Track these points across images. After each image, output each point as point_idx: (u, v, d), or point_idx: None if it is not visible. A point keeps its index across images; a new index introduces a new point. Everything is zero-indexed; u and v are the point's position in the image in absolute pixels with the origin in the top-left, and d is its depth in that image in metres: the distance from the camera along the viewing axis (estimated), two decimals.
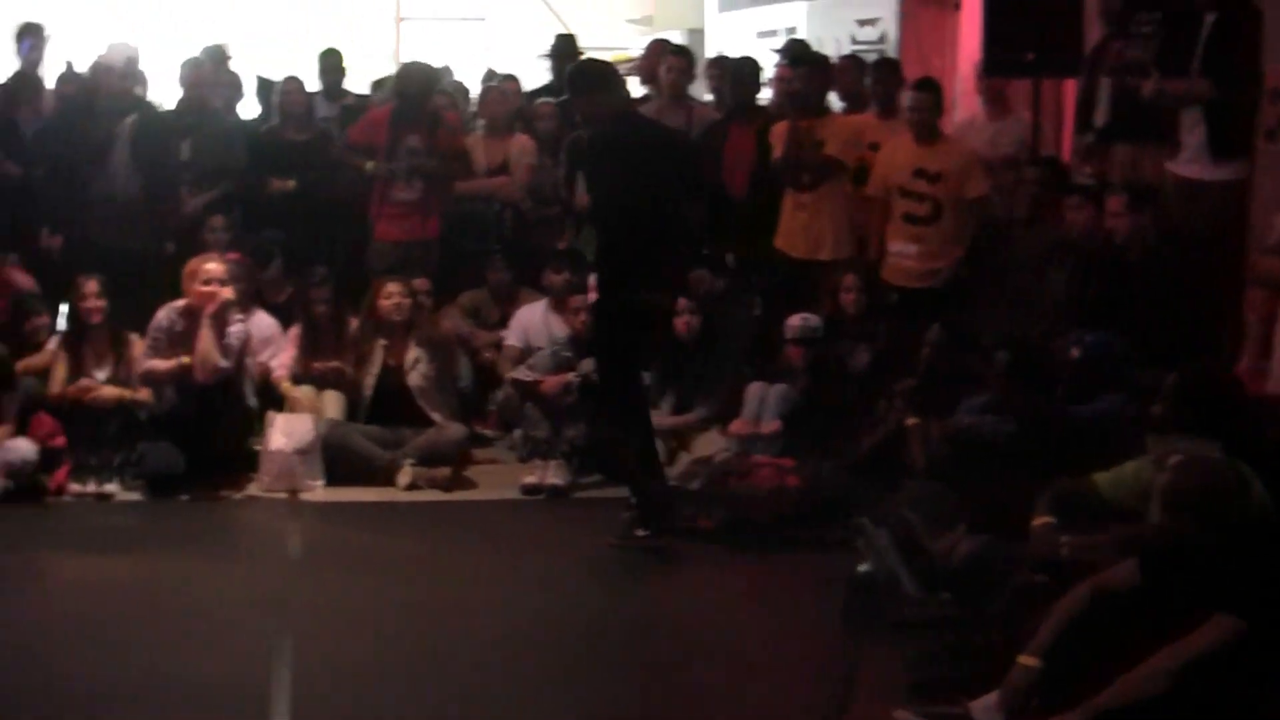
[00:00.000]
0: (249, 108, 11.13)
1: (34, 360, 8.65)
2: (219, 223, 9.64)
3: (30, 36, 10.37)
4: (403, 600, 6.71)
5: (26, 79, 10.20)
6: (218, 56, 10.84)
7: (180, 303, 8.51)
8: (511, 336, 9.47)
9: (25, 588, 6.86)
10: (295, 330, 9.19)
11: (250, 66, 11.67)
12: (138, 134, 9.52)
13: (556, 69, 11.29)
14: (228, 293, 8.46)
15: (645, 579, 7.16)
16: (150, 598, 6.71)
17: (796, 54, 10.22)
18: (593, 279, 8.24)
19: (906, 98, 9.19)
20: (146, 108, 9.94)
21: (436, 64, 11.59)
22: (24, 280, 9.25)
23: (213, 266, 8.48)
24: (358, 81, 11.58)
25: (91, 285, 8.59)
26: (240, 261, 9.15)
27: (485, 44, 17.31)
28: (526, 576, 7.06)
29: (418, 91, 9.95)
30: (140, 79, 10.20)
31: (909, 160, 8.99)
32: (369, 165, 9.76)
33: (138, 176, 9.53)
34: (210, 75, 10.42)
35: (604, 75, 7.68)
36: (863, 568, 6.27)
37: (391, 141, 9.73)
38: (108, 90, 9.68)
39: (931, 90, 9.12)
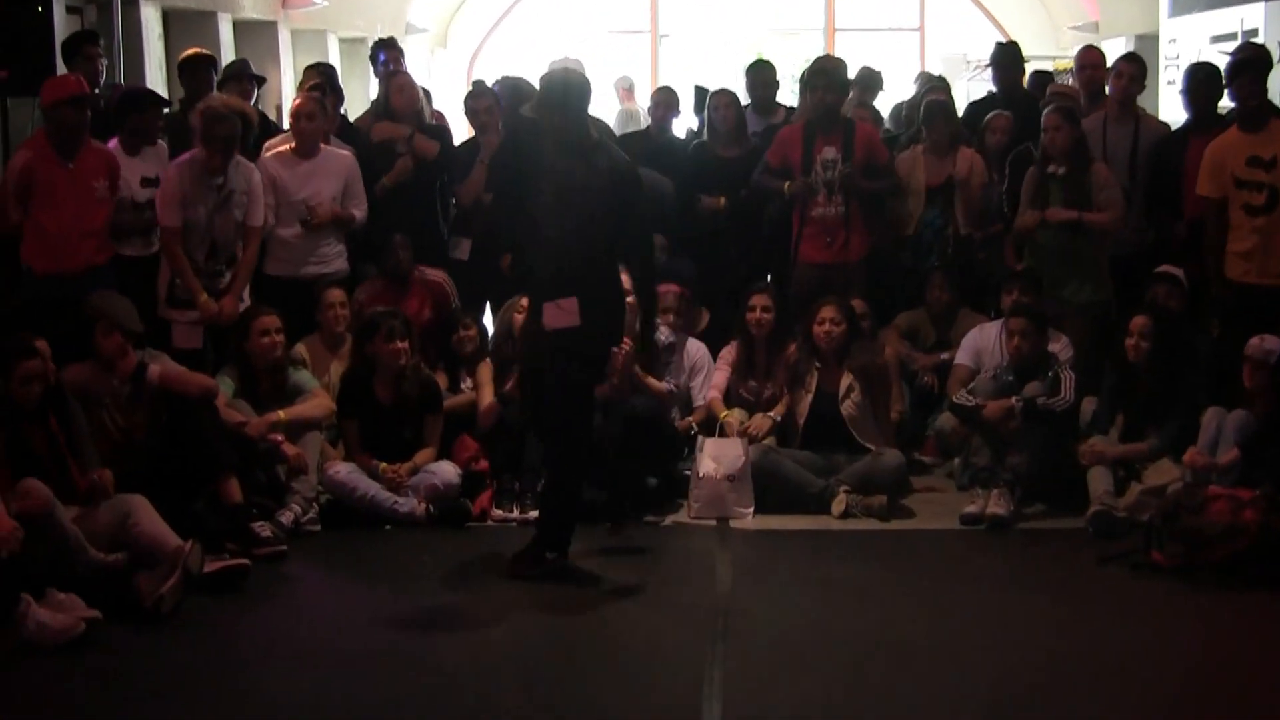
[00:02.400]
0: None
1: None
2: (660, 241, 9.82)
3: (386, 50, 10.78)
4: (841, 633, 6.69)
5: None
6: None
7: None
8: (962, 356, 9.30)
9: (451, 615, 7.06)
10: (730, 350, 9.30)
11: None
12: None
13: (999, 79, 11.14)
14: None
15: (1098, 614, 6.97)
16: (573, 628, 6.86)
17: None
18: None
19: None
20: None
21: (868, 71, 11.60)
22: (439, 282, 9.61)
23: None
24: (791, 95, 11.60)
25: (523, 302, 8.79)
26: (676, 291, 9.33)
27: (919, 54, 17.24)
28: (969, 610, 6.96)
29: (833, 89, 9.83)
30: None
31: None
32: (785, 186, 9.72)
33: None
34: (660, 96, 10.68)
35: (567, 94, 7.37)
36: None
37: (805, 154, 9.70)
38: None
39: None
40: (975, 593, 7.25)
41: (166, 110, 9.77)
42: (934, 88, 11.03)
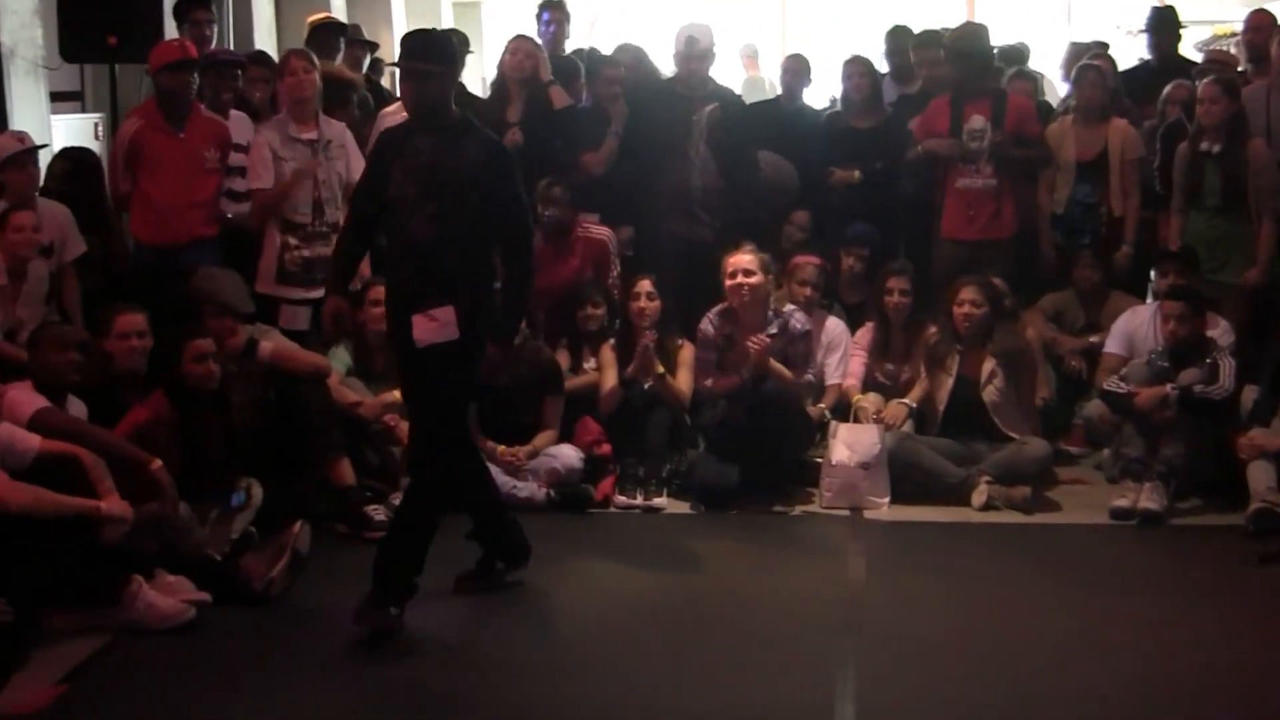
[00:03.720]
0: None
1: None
2: (802, 218, 9.81)
3: (551, 11, 10.78)
4: (979, 631, 6.62)
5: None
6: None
7: (721, 305, 8.68)
8: (1112, 343, 9.14)
9: (569, 602, 7.08)
10: (865, 332, 9.27)
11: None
12: (716, 124, 9.60)
13: (1155, 45, 10.96)
14: (755, 281, 8.50)
15: (1257, 617, 6.81)
16: (702, 618, 6.83)
17: None
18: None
19: None
20: (725, 96, 9.99)
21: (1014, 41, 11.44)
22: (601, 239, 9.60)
23: (744, 258, 8.56)
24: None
25: (645, 285, 8.89)
26: (816, 264, 9.28)
27: (1064, 19, 16.99)
28: (1117, 611, 6.84)
29: (977, 54, 9.72)
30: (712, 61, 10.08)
31: None
32: (920, 148, 9.65)
33: (714, 168, 9.62)
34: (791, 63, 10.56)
35: (428, 57, 6.61)
36: None
37: (953, 123, 9.58)
38: (685, 77, 9.79)
39: None
40: (1124, 592, 7.12)
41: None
42: (1095, 54, 10.77)
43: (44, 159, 9.11)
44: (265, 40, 13.52)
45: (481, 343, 6.66)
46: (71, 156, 9.37)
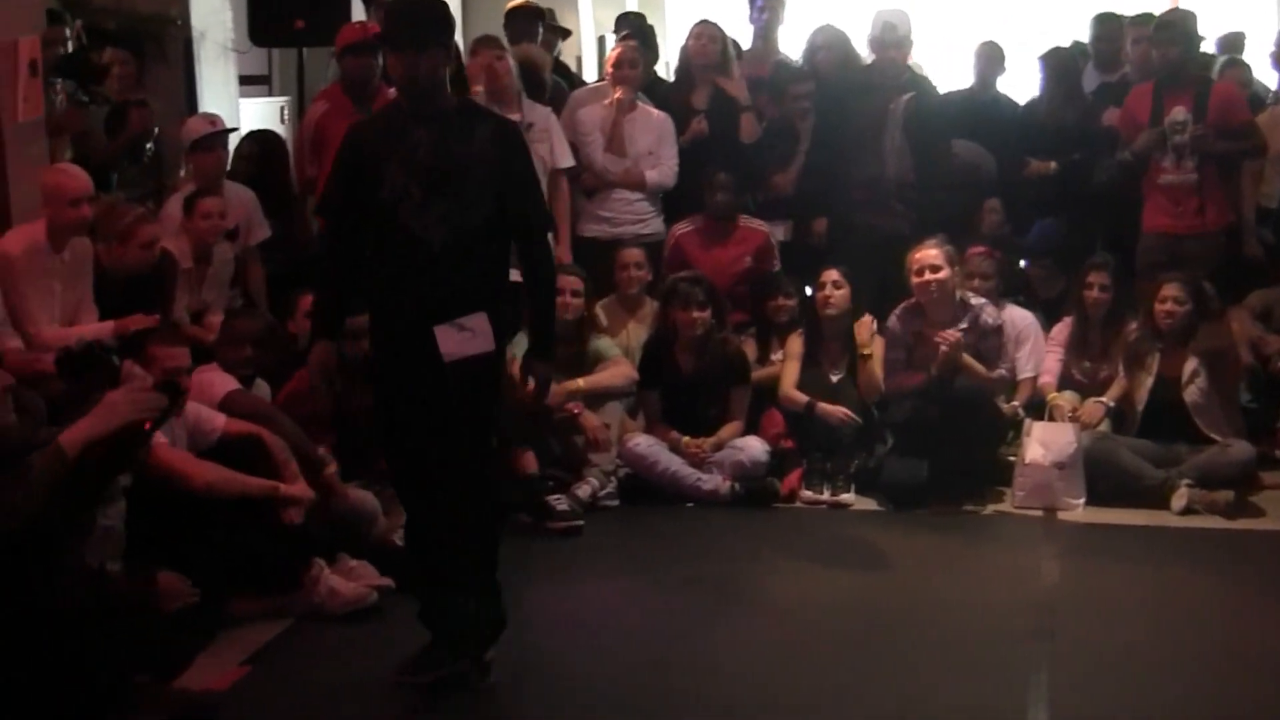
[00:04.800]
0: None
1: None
2: (995, 204, 9.79)
3: None
4: (1176, 638, 6.55)
5: (756, 45, 10.62)
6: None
7: (909, 301, 8.68)
8: None
9: (751, 599, 7.14)
10: (1062, 328, 9.19)
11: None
12: (911, 114, 9.54)
13: None
14: (942, 277, 8.51)
15: None
16: (889, 618, 6.82)
17: None
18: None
19: None
20: (922, 84, 9.95)
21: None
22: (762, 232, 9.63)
23: (929, 253, 8.56)
24: None
25: (831, 274, 8.89)
26: (990, 255, 9.25)
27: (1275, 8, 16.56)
28: None
29: (1181, 41, 9.52)
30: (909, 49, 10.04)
31: None
32: (1129, 153, 9.49)
33: (910, 158, 9.58)
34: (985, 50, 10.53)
35: (415, 31, 5.79)
36: None
37: (1154, 115, 9.43)
38: (881, 65, 9.74)
39: None
40: None
41: None
42: None
43: (233, 142, 9.35)
44: None
45: (504, 357, 6.05)
46: (258, 139, 9.61)
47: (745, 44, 10.64)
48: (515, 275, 6.10)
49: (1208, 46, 10.75)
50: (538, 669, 6.23)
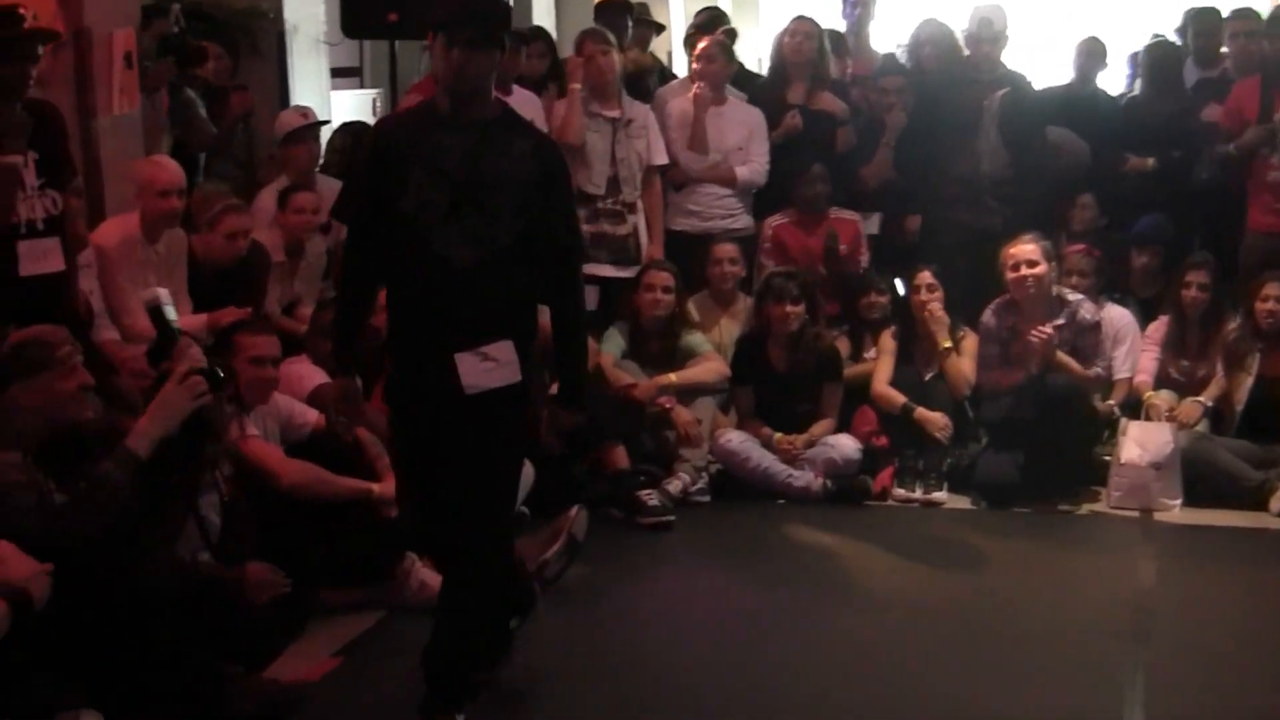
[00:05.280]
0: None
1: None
2: (1088, 200, 9.71)
3: None
4: (1273, 643, 6.46)
5: (846, 40, 10.59)
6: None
7: (1004, 297, 8.63)
8: None
9: (843, 597, 7.10)
10: (1158, 327, 9.10)
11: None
12: (1007, 110, 9.48)
13: None
14: (1039, 272, 8.43)
15: None
16: (983, 617, 6.80)
17: None
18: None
19: None
20: (1017, 80, 9.80)
21: None
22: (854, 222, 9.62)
23: (1025, 248, 8.50)
24: None
25: (924, 275, 8.87)
26: (1088, 253, 9.19)
27: None
28: None
29: None
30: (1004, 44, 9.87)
31: None
32: (1233, 147, 9.38)
33: (1004, 155, 9.51)
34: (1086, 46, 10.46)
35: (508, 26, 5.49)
36: None
37: (1262, 111, 9.31)
38: (973, 60, 9.68)
39: None
40: None
41: None
42: None
43: (325, 135, 9.37)
44: (544, 17, 13.69)
45: (531, 388, 5.42)
46: (352, 131, 9.66)
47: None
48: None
49: None
50: (627, 664, 6.25)
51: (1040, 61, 10.84)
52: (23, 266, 6.42)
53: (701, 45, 9.68)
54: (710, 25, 10.48)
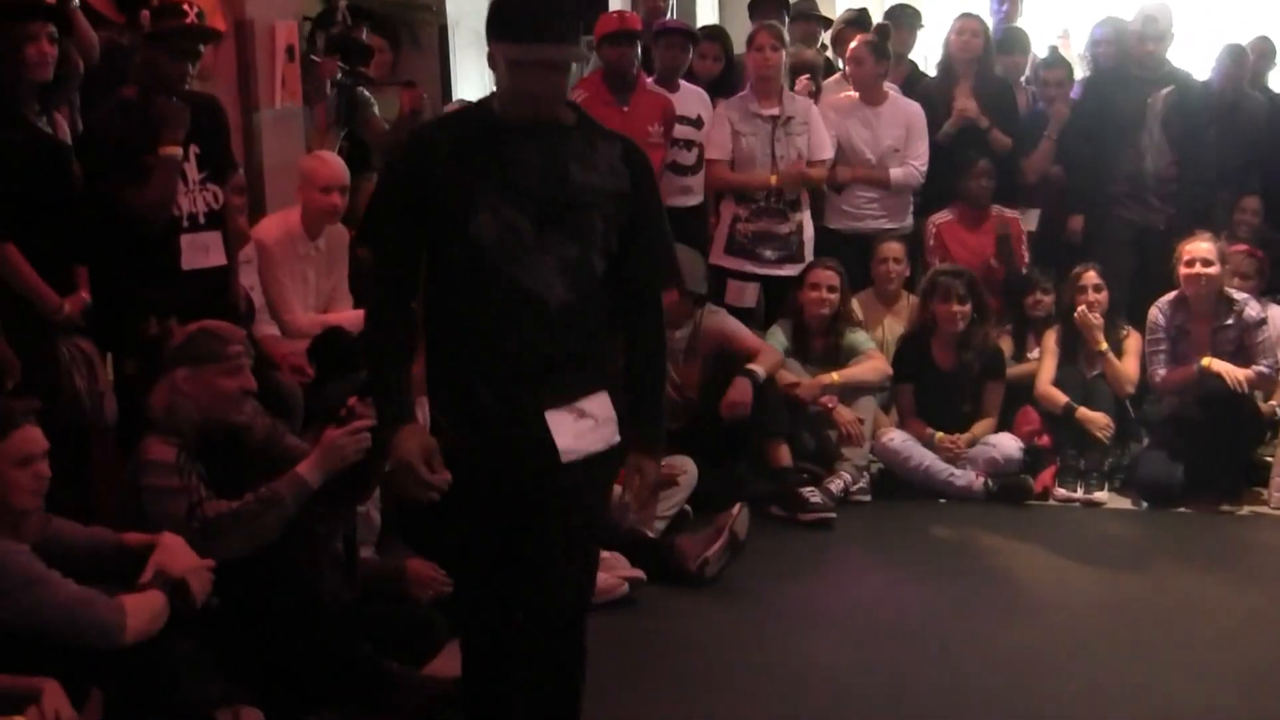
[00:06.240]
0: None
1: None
2: (1253, 204, 9.56)
3: None
4: None
5: (1002, 40, 10.38)
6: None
7: (1171, 295, 8.53)
8: None
9: (1006, 597, 7.02)
10: None
11: None
12: (1171, 109, 9.38)
13: None
14: (1213, 272, 8.32)
15: None
16: (1142, 618, 6.71)
17: None
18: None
19: None
20: (1181, 79, 9.67)
21: None
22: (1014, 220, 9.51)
23: (1201, 246, 8.37)
24: None
25: (1090, 276, 8.78)
26: (1252, 254, 9.07)
27: None
28: None
29: None
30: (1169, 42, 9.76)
31: None
32: None
33: (1169, 153, 9.39)
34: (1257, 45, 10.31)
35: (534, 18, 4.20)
36: None
37: None
38: (1138, 57, 9.56)
39: None
40: None
41: None
42: None
43: None
44: (708, 13, 13.60)
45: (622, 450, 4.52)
46: None
47: None
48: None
49: None
50: (788, 662, 6.20)
51: (1203, 59, 10.46)
52: (185, 260, 6.48)
53: (851, 46, 9.57)
54: (859, 22, 10.32)
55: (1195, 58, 10.64)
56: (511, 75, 4.16)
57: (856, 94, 9.36)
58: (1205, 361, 8.19)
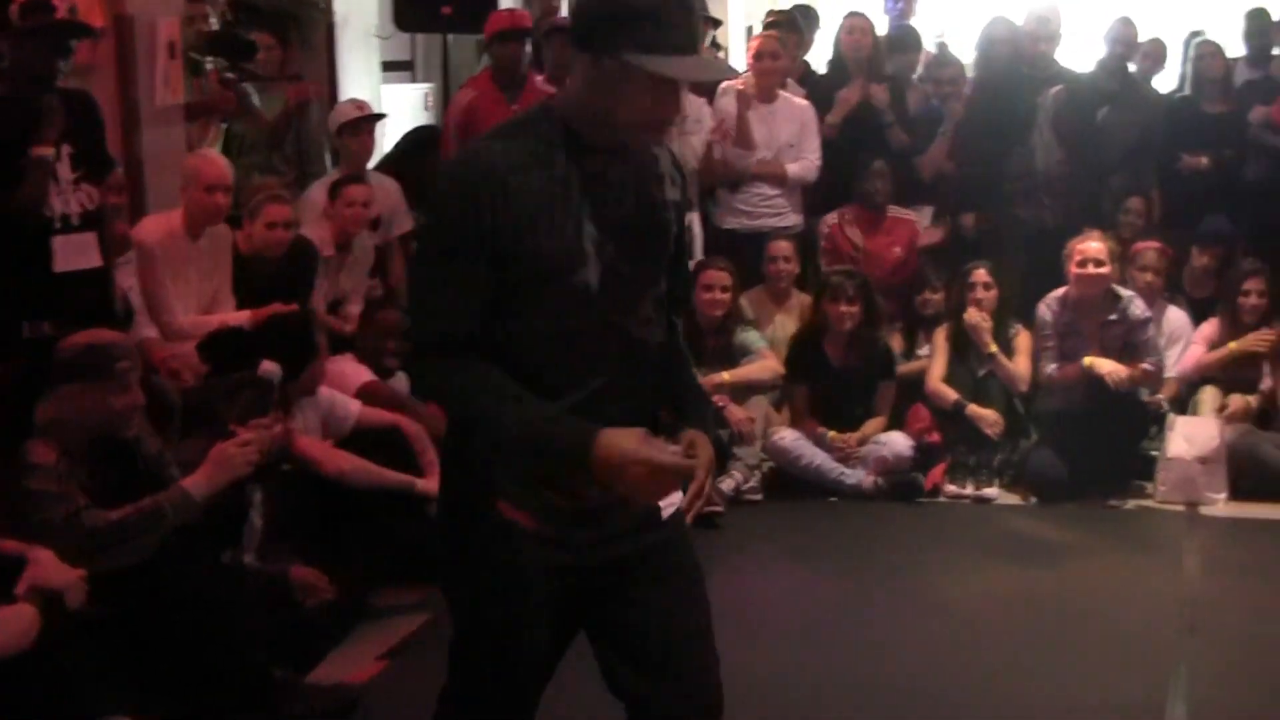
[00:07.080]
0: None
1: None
2: (1137, 205, 9.68)
3: None
4: None
5: (895, 39, 10.54)
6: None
7: (1059, 291, 8.59)
8: None
9: (896, 593, 7.03)
10: (1209, 326, 9.04)
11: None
12: (1061, 107, 9.51)
13: None
14: (1105, 271, 8.32)
15: None
16: (1032, 611, 6.80)
17: None
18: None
19: None
20: (1070, 78, 9.82)
21: None
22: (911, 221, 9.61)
23: (1092, 246, 8.43)
24: None
25: (980, 274, 8.84)
26: (1159, 249, 9.12)
27: None
28: None
29: None
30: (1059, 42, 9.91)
31: None
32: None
33: (1058, 152, 9.52)
34: (1131, 37, 10.39)
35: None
36: None
37: None
38: (1029, 57, 9.68)
39: None
40: None
41: None
42: None
43: (393, 131, 9.21)
44: None
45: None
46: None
47: None
48: None
49: None
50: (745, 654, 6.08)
51: (1087, 55, 10.55)
52: (58, 262, 6.29)
53: (754, 43, 9.53)
54: (789, 25, 10.32)
55: (1082, 58, 10.68)
56: (635, 93, 3.29)
57: (745, 85, 9.34)
58: (1088, 361, 8.31)
